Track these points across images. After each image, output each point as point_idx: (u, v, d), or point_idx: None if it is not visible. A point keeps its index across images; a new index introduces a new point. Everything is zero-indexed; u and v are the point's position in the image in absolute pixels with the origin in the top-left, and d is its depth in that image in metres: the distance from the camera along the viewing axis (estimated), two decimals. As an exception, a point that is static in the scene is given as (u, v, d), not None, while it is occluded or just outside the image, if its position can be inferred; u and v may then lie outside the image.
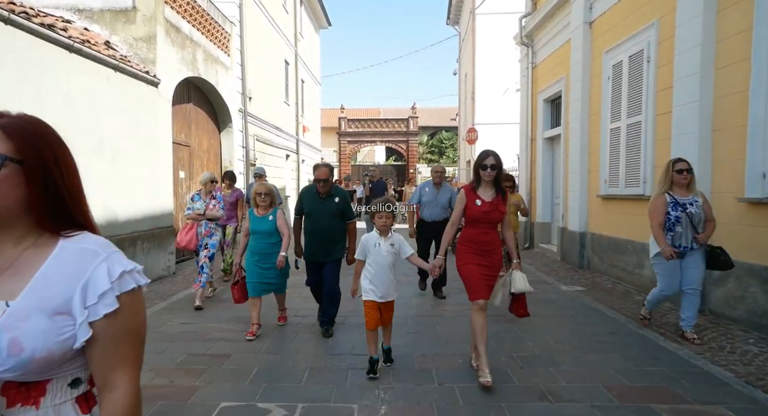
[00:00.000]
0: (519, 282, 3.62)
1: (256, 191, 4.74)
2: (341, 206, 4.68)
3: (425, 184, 6.51)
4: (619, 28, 7.05)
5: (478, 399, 3.25)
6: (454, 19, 23.22)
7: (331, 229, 4.67)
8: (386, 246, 3.65)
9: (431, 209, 6.24)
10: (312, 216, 4.70)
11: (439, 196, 6.23)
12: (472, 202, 3.58)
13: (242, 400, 3.24)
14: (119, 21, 7.43)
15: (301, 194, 4.94)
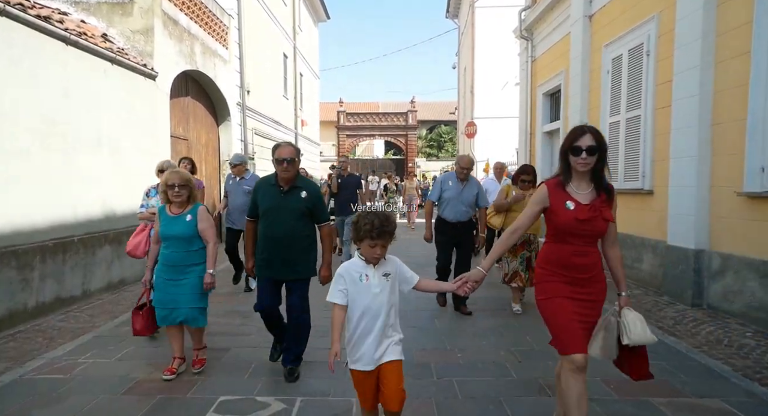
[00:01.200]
0: (636, 329, 2.44)
1: (166, 182, 3.48)
2: (310, 203, 3.50)
3: (447, 177, 5.42)
4: (618, 21, 7.02)
5: (476, 393, 3.26)
6: (454, 12, 23.11)
7: (296, 235, 3.47)
8: (378, 278, 2.38)
9: (455, 207, 5.24)
10: (269, 216, 3.48)
11: (465, 193, 5.24)
12: (560, 204, 2.43)
13: (241, 394, 3.25)
14: (116, 13, 7.37)
15: (256, 187, 3.63)
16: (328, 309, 5.78)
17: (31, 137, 5.05)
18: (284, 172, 3.40)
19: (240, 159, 6.34)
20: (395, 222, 2.40)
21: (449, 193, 5.24)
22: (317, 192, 3.61)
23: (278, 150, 3.47)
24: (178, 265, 3.49)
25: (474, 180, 5.42)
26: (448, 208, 5.27)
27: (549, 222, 2.52)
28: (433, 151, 36.12)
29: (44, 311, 5.07)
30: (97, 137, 6.16)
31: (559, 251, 2.48)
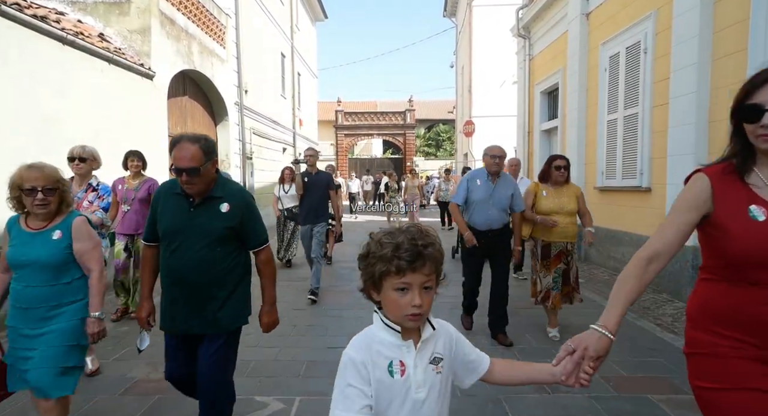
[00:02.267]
0: None
1: (20, 183, 2.25)
2: (234, 220, 2.33)
3: (475, 174, 4.43)
4: (616, 19, 7.02)
5: (476, 391, 3.26)
6: (451, 11, 23.11)
7: (212, 268, 2.31)
8: (423, 369, 1.27)
9: (485, 212, 4.26)
10: (172, 240, 2.32)
11: (498, 193, 4.27)
12: (737, 210, 1.36)
13: (240, 394, 3.22)
14: (113, 13, 7.35)
15: (155, 197, 2.45)
16: (326, 308, 5.76)
17: (27, 137, 5.03)
18: (187, 185, 2.24)
19: None
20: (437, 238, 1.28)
21: (478, 194, 4.26)
22: (246, 202, 2.41)
23: (175, 150, 2.24)
24: (37, 307, 2.26)
25: (508, 177, 4.47)
26: (476, 212, 4.29)
27: (710, 242, 1.45)
28: (432, 149, 36.13)
29: (42, 312, 5.05)
30: (94, 137, 6.13)
31: (736, 299, 1.36)
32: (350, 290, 6.26)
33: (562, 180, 4.30)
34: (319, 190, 5.94)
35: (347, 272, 7.51)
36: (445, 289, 3.99)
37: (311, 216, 5.91)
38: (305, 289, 6.26)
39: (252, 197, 2.53)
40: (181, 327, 2.39)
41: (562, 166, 4.27)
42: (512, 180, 4.55)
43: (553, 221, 4.19)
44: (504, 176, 4.41)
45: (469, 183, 4.39)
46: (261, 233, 2.47)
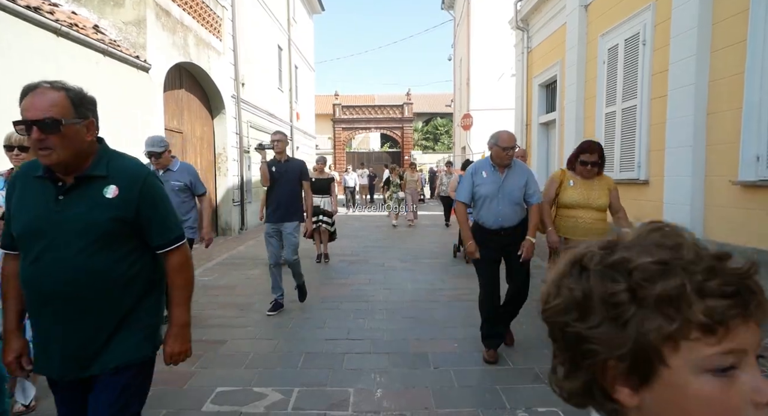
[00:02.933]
0: None
1: None
2: (125, 210, 1.62)
3: (480, 166, 3.77)
4: (614, 11, 6.99)
5: (473, 382, 3.27)
6: (449, 3, 22.98)
7: (95, 282, 1.56)
8: None
9: (495, 207, 3.61)
10: (34, 243, 1.56)
11: (508, 184, 3.62)
12: None
13: (238, 385, 3.25)
14: (108, 5, 7.28)
15: (10, 184, 1.72)
16: (324, 301, 5.78)
17: (23, 130, 4.99)
18: (41, 152, 1.55)
19: (160, 144, 4.30)
20: None
21: (485, 188, 3.62)
22: (144, 182, 1.68)
23: (27, 98, 1.67)
24: None
25: (521, 164, 3.82)
26: (484, 208, 3.65)
27: None
28: (429, 143, 36.09)
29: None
30: (90, 130, 6.10)
31: None
32: (347, 283, 6.27)
33: (589, 176, 3.73)
34: (289, 182, 4.87)
35: (345, 265, 7.52)
36: (442, 282, 3.97)
37: (279, 213, 4.84)
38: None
39: (155, 175, 1.77)
40: (57, 370, 1.62)
41: (590, 162, 3.63)
42: (524, 167, 3.84)
43: (554, 241, 3.68)
44: (516, 164, 3.73)
45: (474, 177, 3.71)
46: (170, 227, 1.73)
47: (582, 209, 3.67)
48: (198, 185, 4.63)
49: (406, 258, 8.08)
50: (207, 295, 5.64)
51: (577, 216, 3.66)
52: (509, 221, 3.64)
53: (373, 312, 4.93)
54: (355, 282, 6.33)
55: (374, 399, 3.04)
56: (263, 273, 6.52)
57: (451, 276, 6.65)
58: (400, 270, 7.11)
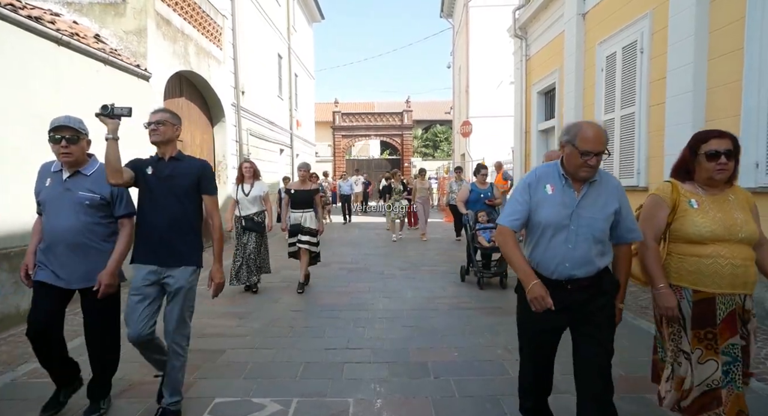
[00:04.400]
0: None
1: None
2: None
3: (544, 174, 2.34)
4: (612, 19, 7.03)
5: (473, 391, 3.25)
6: (448, 11, 23.13)
7: None
8: None
9: (565, 244, 2.22)
10: None
11: (589, 206, 2.23)
12: None
13: (236, 396, 3.22)
14: (109, 14, 7.32)
15: None
16: (324, 310, 5.73)
17: (23, 138, 5.00)
18: None
19: (75, 123, 3.26)
20: None
21: (550, 212, 2.24)
22: None
23: None
24: None
25: (608, 179, 2.33)
26: (543, 244, 2.27)
27: None
28: (429, 150, 36.15)
29: (38, 314, 5.01)
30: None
31: None
32: (347, 291, 6.25)
33: (723, 178, 2.33)
34: (172, 192, 2.92)
35: (344, 273, 7.49)
36: (442, 290, 3.87)
37: (159, 251, 2.92)
38: (305, 293, 6.24)
39: None
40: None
41: (724, 152, 2.32)
42: (614, 182, 2.33)
43: (670, 307, 2.27)
44: (603, 177, 2.29)
45: (532, 190, 2.30)
46: None
47: (722, 244, 2.22)
48: (124, 202, 2.99)
49: (405, 266, 8.06)
50: (205, 305, 5.62)
51: (717, 255, 2.22)
52: (584, 268, 2.21)
53: (373, 320, 4.91)
54: (355, 290, 6.31)
55: (374, 410, 3.02)
56: (262, 282, 6.50)
57: (451, 284, 6.63)
58: (400, 278, 7.09)
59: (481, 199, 6.90)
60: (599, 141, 2.15)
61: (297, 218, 6.20)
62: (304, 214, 6.20)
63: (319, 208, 6.37)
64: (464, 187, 7.33)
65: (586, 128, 2.19)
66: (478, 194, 6.98)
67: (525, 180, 2.38)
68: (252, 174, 6.17)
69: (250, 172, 6.16)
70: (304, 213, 6.20)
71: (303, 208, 6.22)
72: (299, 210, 6.22)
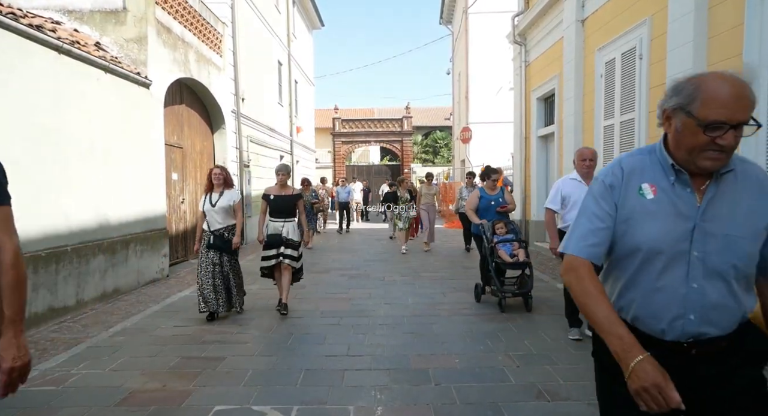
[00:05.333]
0: None
1: None
2: None
3: (637, 166, 1.45)
4: (611, 25, 7.06)
5: (475, 398, 3.23)
6: (447, 18, 23.25)
7: None
8: None
9: (680, 280, 1.35)
10: None
11: (722, 217, 1.34)
12: None
13: (237, 403, 3.21)
14: (109, 22, 7.36)
15: None
16: (324, 316, 5.71)
17: (22, 145, 5.01)
18: None
19: None
20: None
21: (657, 229, 1.37)
22: None
23: None
24: None
25: (755, 170, 1.42)
26: (645, 280, 1.40)
27: None
28: (429, 156, 36.17)
29: (37, 322, 5.01)
30: (90, 145, 6.12)
31: None
32: (348, 298, 6.23)
33: None
34: None
35: (345, 280, 7.48)
36: (443, 296, 3.88)
37: None
38: (303, 297, 6.23)
39: None
40: None
41: None
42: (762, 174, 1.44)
43: None
44: (742, 165, 1.42)
45: (615, 192, 1.46)
46: None
47: None
48: None
49: (406, 272, 8.05)
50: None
51: None
52: (716, 322, 1.36)
53: (374, 327, 4.89)
54: (355, 296, 6.29)
55: (375, 417, 3.00)
56: (262, 289, 6.49)
57: (452, 290, 6.61)
58: (401, 284, 7.07)
59: (492, 207, 6.09)
60: (739, 103, 1.28)
61: (276, 228, 5.41)
62: (286, 224, 5.44)
63: (303, 216, 5.69)
64: (473, 194, 6.45)
65: (714, 83, 1.31)
66: (488, 201, 6.11)
67: (603, 178, 1.49)
68: (222, 181, 5.35)
69: (220, 179, 5.33)
70: (285, 222, 5.45)
71: (284, 216, 5.47)
72: (279, 218, 5.46)
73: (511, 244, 5.64)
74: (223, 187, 5.35)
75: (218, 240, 5.24)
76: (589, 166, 4.22)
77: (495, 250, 5.57)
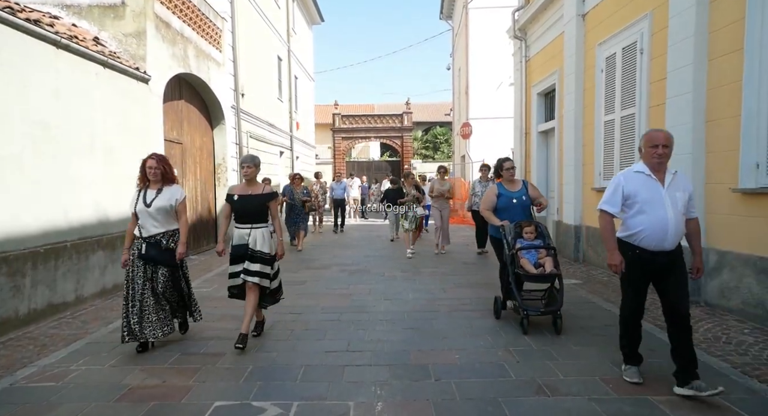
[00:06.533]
0: None
1: None
2: None
3: None
4: (612, 19, 7.02)
5: (475, 394, 3.23)
6: (447, 13, 23.15)
7: None
8: None
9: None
10: None
11: None
12: None
13: (236, 399, 3.21)
14: (108, 17, 7.32)
15: None
16: (324, 312, 5.69)
17: (21, 141, 4.99)
18: None
19: None
20: None
21: None
22: None
23: None
24: None
25: None
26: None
27: None
28: (429, 152, 36.13)
29: (36, 318, 5.01)
30: (89, 141, 6.10)
31: None
32: (348, 293, 6.23)
33: None
34: None
35: (344, 276, 7.48)
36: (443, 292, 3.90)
37: None
38: (302, 293, 6.23)
39: None
40: None
41: None
42: None
43: None
44: None
45: None
46: None
47: None
48: None
49: (406, 268, 8.05)
50: (205, 307, 5.59)
51: None
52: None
53: (374, 323, 4.89)
54: (356, 292, 6.29)
55: (375, 413, 3.00)
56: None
57: (452, 286, 6.61)
58: (401, 280, 7.07)
59: (515, 205, 4.98)
60: None
61: (242, 236, 4.27)
62: (253, 231, 4.27)
63: (277, 221, 4.49)
64: (489, 191, 5.28)
65: None
66: (508, 198, 5.02)
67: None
68: (160, 177, 4.20)
69: (157, 175, 4.19)
70: (252, 229, 4.28)
71: (251, 221, 4.30)
72: (245, 224, 4.30)
73: (537, 251, 4.66)
74: (162, 183, 4.24)
75: (153, 249, 4.12)
76: (662, 154, 3.20)
77: (517, 259, 4.61)
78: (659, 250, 3.16)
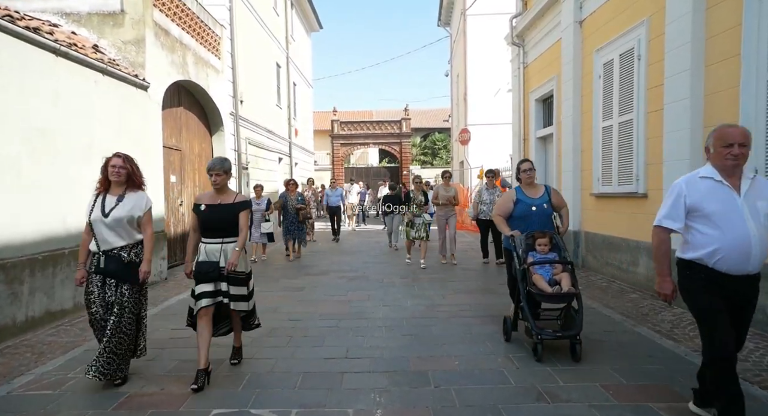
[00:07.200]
0: None
1: None
2: None
3: None
4: (609, 26, 7.06)
5: (474, 401, 3.21)
6: (445, 20, 23.28)
7: None
8: None
9: None
10: None
11: None
12: None
13: (235, 407, 3.18)
14: (107, 24, 7.35)
15: None
16: (323, 319, 5.68)
17: (20, 148, 4.99)
18: None
19: None
20: None
21: None
22: None
23: None
24: None
25: None
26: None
27: None
28: (428, 158, 36.18)
29: (34, 325, 4.98)
30: (88, 148, 6.10)
31: None
32: (346, 300, 6.21)
33: None
34: None
35: (343, 282, 7.46)
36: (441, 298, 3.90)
37: None
38: (302, 299, 6.21)
39: None
40: None
41: None
42: None
43: None
44: None
45: None
46: None
47: None
48: None
49: (405, 274, 8.03)
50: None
51: None
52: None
53: (373, 329, 4.87)
54: (354, 298, 6.27)
55: (374, 420, 2.98)
56: (262, 290, 6.46)
57: (451, 292, 6.60)
58: (400, 286, 7.05)
59: (534, 214, 4.42)
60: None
61: (212, 253, 3.67)
62: (224, 246, 3.68)
63: (243, 234, 3.76)
64: (506, 196, 4.80)
65: None
66: (527, 206, 4.44)
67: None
68: (125, 178, 3.65)
69: (121, 175, 3.63)
70: (223, 244, 3.69)
71: (222, 235, 3.70)
72: (215, 239, 3.70)
73: (552, 267, 4.19)
74: (126, 187, 3.66)
75: (113, 263, 3.50)
76: (738, 155, 2.58)
77: (528, 275, 4.10)
78: (741, 274, 2.54)
